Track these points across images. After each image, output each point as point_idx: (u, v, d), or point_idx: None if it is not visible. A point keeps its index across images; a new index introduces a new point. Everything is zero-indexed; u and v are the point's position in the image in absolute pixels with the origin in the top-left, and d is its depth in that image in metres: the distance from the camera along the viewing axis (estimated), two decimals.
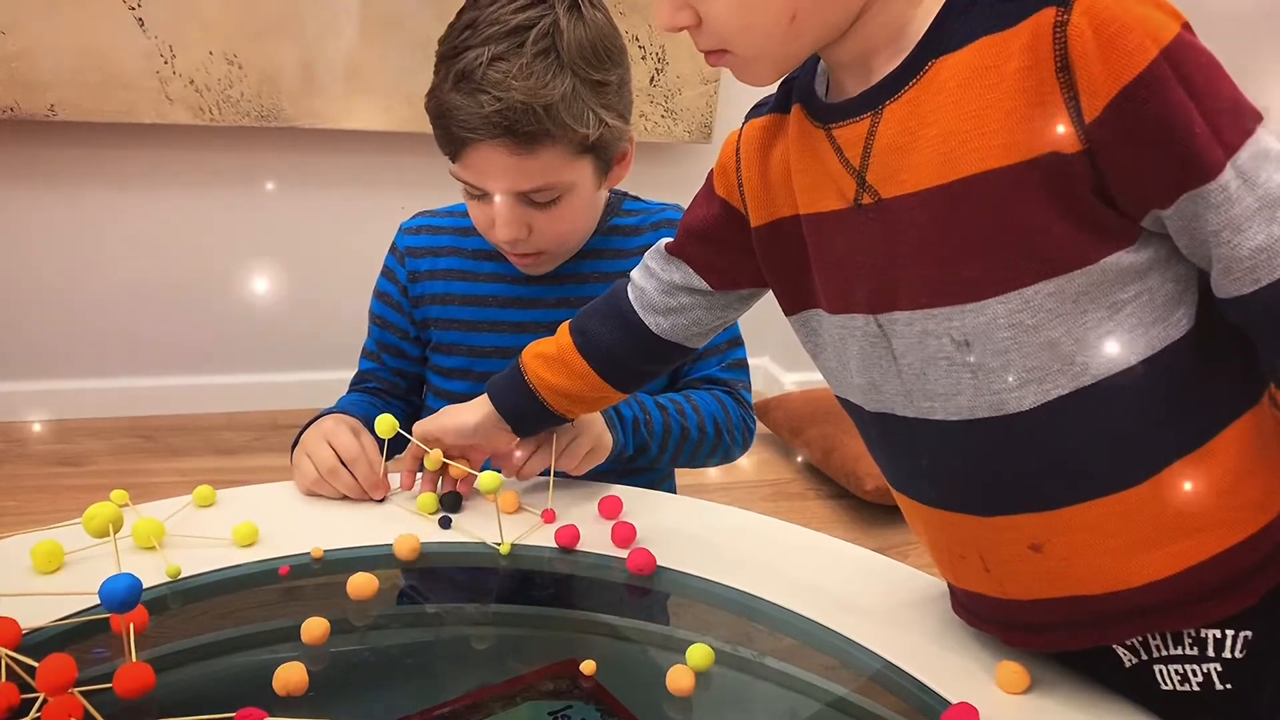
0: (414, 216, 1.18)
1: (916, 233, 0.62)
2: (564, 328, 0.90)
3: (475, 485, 0.90)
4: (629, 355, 0.87)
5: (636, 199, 1.16)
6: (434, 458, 0.93)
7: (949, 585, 0.77)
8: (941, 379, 0.64)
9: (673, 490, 1.19)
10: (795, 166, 0.70)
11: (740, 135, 0.77)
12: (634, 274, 0.87)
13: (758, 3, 0.61)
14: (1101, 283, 0.58)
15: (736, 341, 1.14)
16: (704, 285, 0.82)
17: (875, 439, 0.73)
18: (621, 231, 1.12)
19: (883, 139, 0.62)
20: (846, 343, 0.70)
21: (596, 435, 0.97)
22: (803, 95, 0.70)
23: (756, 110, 0.76)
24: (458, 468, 0.93)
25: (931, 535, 0.73)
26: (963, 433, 0.64)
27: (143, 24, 2.21)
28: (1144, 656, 0.68)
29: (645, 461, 1.04)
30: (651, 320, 0.85)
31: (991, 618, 0.73)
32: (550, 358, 0.90)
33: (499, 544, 0.86)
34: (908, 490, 0.72)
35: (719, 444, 1.08)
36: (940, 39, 0.60)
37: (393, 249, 1.16)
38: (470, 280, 1.12)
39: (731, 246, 0.79)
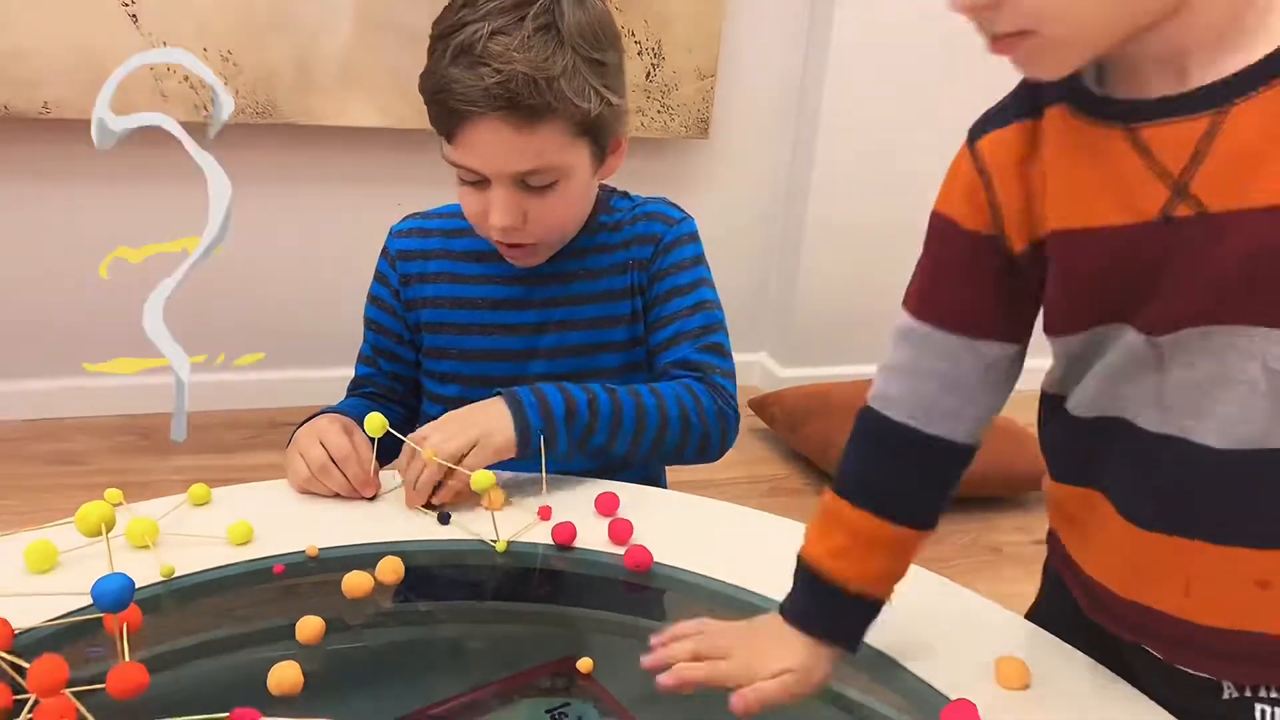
0: (404, 219, 1.16)
1: (1259, 253, 0.56)
2: (830, 504, 0.72)
3: (469, 484, 0.90)
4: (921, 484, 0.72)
5: (625, 195, 1.15)
6: (429, 454, 0.92)
7: (1093, 592, 0.72)
8: (1231, 402, 0.59)
9: (664, 486, 1.19)
10: (1060, 174, 0.62)
11: (980, 154, 0.66)
12: (879, 387, 0.71)
13: None
14: None
15: (714, 326, 1.09)
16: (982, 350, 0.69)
17: (1089, 445, 0.67)
18: (607, 228, 1.11)
19: (1227, 143, 0.56)
20: (1099, 349, 0.65)
21: (484, 433, 0.92)
22: (1068, 94, 0.62)
23: (993, 123, 0.66)
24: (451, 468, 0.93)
25: (1123, 552, 0.67)
26: (1231, 460, 0.60)
27: (136, 20, 2.20)
28: (1248, 694, 0.66)
29: (598, 448, 0.99)
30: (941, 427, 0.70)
31: (1164, 635, 0.68)
32: (844, 548, 0.71)
33: (495, 541, 0.86)
34: (1120, 504, 0.66)
35: (689, 433, 1.01)
36: None
37: (384, 252, 1.15)
38: (459, 283, 1.11)
39: (989, 286, 0.68)
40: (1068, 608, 0.76)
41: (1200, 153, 0.56)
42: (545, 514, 0.91)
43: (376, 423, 0.93)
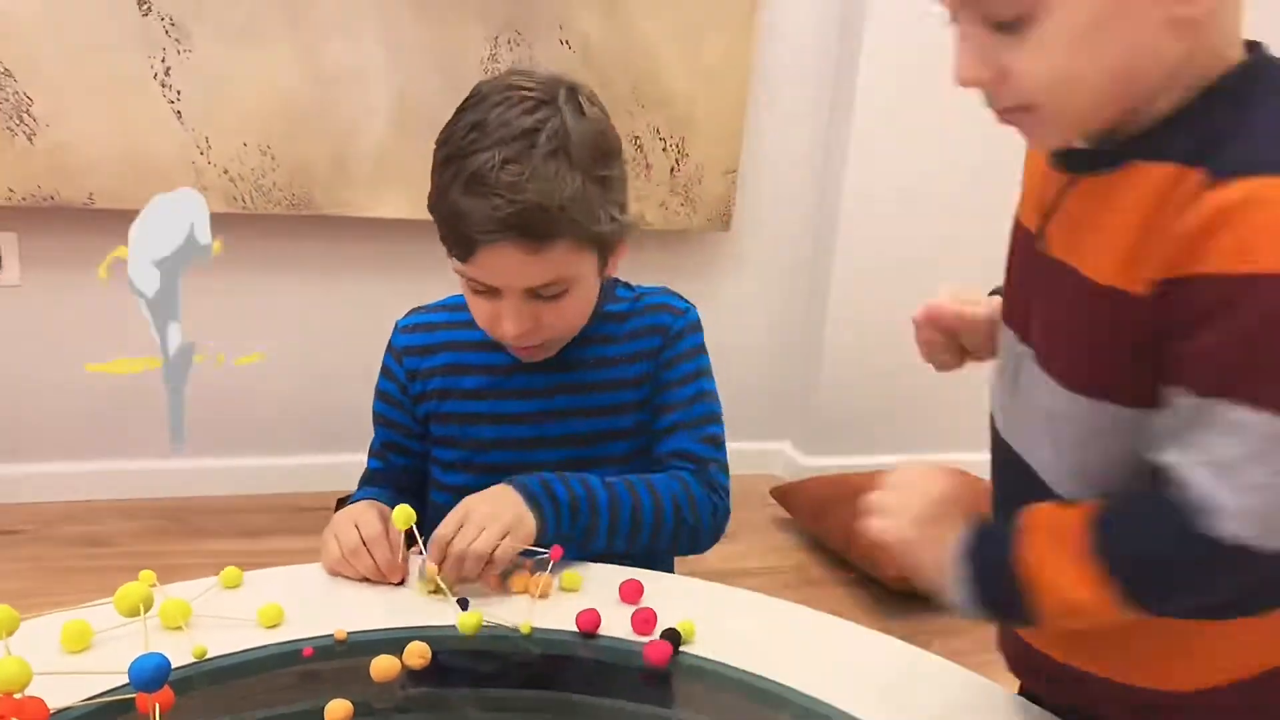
0: (408, 315, 1.18)
1: (1054, 302, 0.66)
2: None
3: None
4: None
5: (625, 285, 1.16)
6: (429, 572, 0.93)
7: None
8: (1034, 437, 0.69)
9: (670, 565, 1.18)
10: (1033, 169, 0.73)
11: None
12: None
13: (1088, 53, 0.57)
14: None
15: (712, 417, 1.11)
16: None
17: (993, 460, 0.77)
18: (614, 318, 1.12)
19: (1070, 201, 0.66)
20: (1003, 356, 0.75)
21: (515, 518, 0.94)
22: None
23: None
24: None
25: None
26: (1038, 485, 0.69)
27: (180, 116, 2.28)
28: None
29: (596, 544, 1.00)
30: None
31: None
32: None
33: (519, 625, 0.87)
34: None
35: (680, 526, 1.04)
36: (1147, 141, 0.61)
37: (390, 348, 1.16)
38: (466, 374, 1.11)
39: None
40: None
41: (1056, 205, 0.67)
42: (556, 553, 0.92)
43: (403, 515, 0.94)
